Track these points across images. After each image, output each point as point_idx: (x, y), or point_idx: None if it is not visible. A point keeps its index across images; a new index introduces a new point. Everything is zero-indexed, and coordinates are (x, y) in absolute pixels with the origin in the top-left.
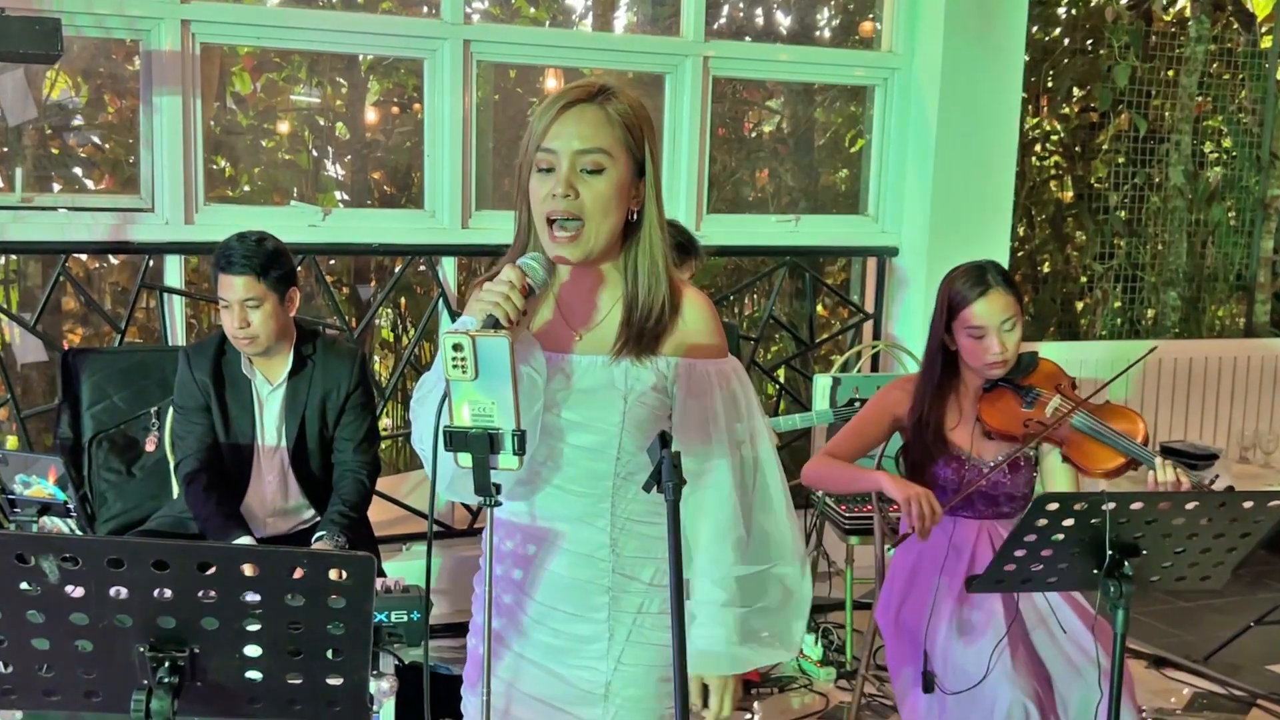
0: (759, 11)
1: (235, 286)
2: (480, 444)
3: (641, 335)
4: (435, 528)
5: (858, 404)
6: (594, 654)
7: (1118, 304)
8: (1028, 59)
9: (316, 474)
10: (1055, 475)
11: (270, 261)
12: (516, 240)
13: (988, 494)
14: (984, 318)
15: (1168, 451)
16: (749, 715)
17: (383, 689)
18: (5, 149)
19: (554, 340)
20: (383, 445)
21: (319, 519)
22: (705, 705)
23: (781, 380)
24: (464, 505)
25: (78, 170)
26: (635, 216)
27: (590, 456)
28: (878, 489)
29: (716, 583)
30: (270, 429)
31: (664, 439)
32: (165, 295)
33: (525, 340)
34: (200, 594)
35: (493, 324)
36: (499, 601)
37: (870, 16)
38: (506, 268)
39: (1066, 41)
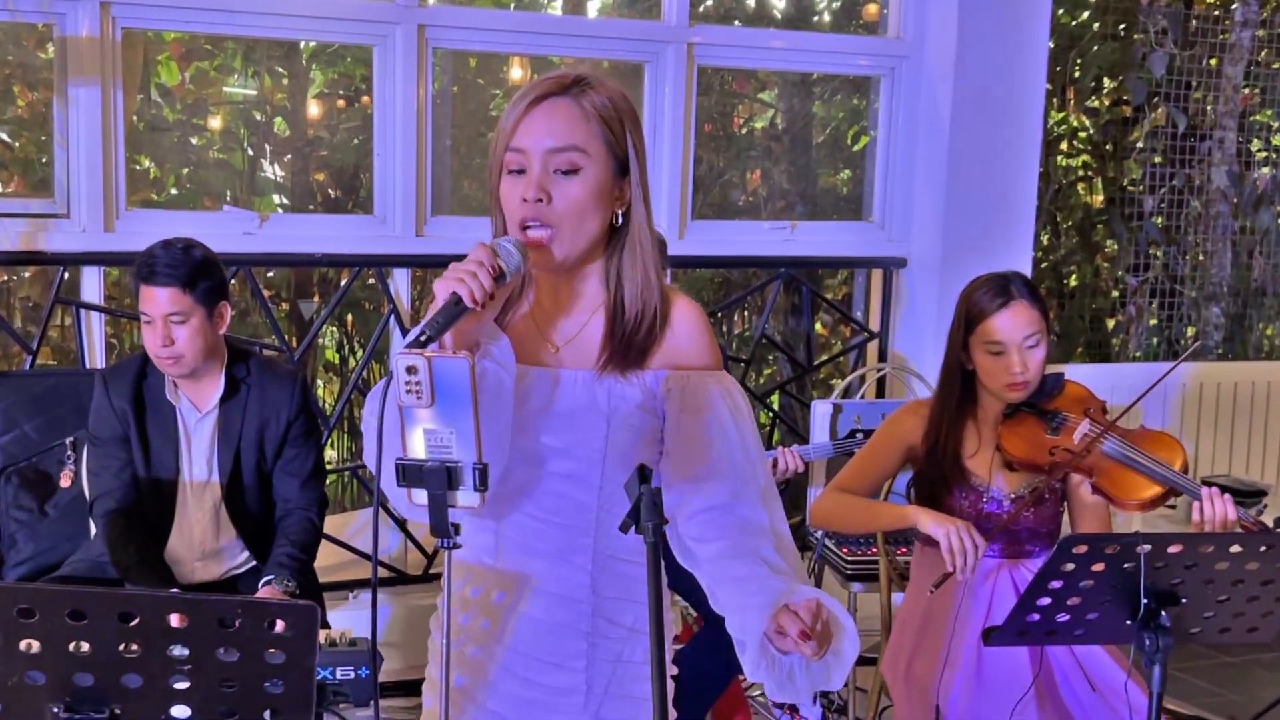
0: None
1: (158, 299)
2: (437, 478)
3: (629, 347)
4: (386, 573)
5: (860, 435)
6: (570, 708)
7: (1154, 321)
8: (1052, 46)
9: (252, 512)
10: (1084, 509)
11: (198, 272)
12: None
13: (1008, 529)
14: (1004, 333)
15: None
16: None
17: None
18: None
19: (531, 354)
20: (328, 480)
21: (254, 564)
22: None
23: (776, 407)
24: (419, 548)
25: None
26: (620, 219)
27: (571, 486)
28: (910, 525)
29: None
30: (199, 462)
31: (643, 473)
32: (82, 312)
33: (491, 332)
34: (121, 648)
35: (455, 303)
36: (463, 654)
37: None
38: (477, 245)
39: (1096, 26)
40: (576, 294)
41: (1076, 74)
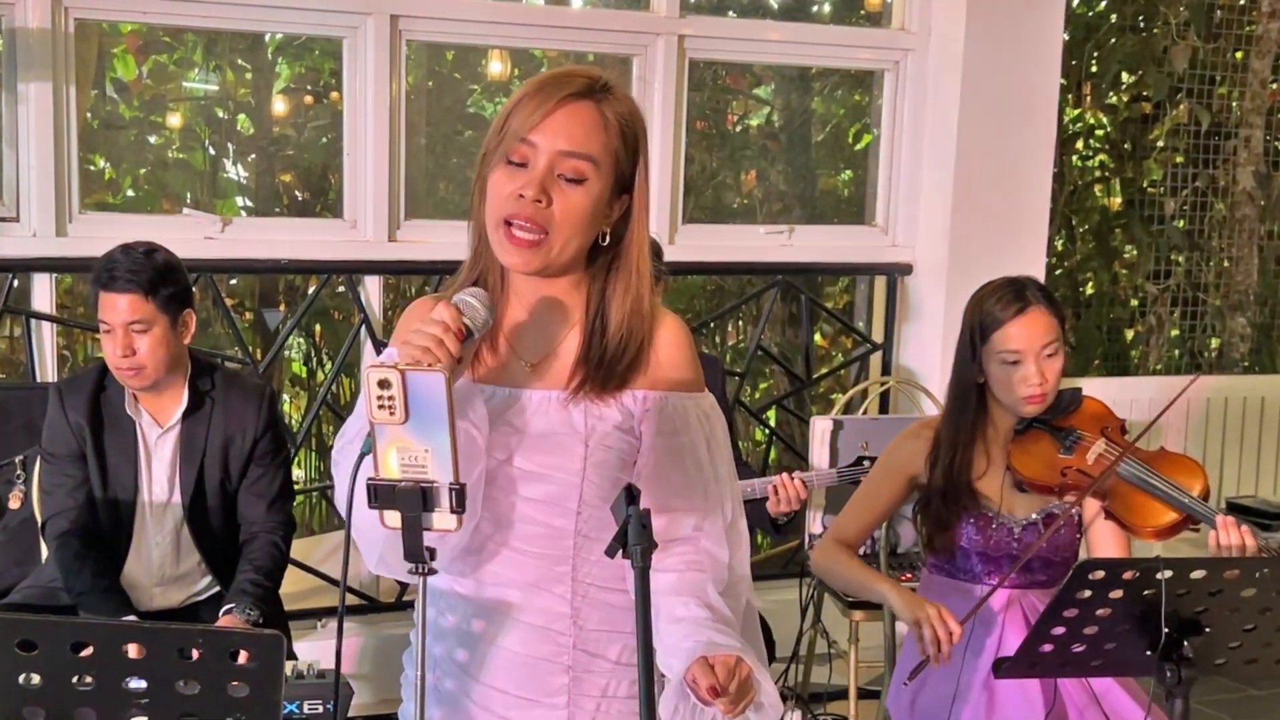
0: None
1: (119, 307)
2: (410, 499)
3: (608, 375)
4: (356, 601)
5: (866, 463)
6: None
7: (1175, 332)
8: (1068, 38)
9: (216, 534)
10: (1103, 536)
11: (161, 277)
12: (474, 251)
13: (1018, 557)
14: (1020, 341)
15: (1235, 509)
16: None
17: None
18: None
19: (500, 373)
20: (295, 501)
21: (217, 590)
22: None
23: (772, 423)
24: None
25: None
26: (605, 239)
27: (547, 511)
28: (882, 601)
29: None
30: (160, 480)
31: (630, 494)
32: (32, 321)
33: (462, 390)
34: (75, 680)
35: None
36: (439, 688)
37: None
38: (440, 305)
39: (1114, 17)
40: (550, 309)
41: (1093, 68)
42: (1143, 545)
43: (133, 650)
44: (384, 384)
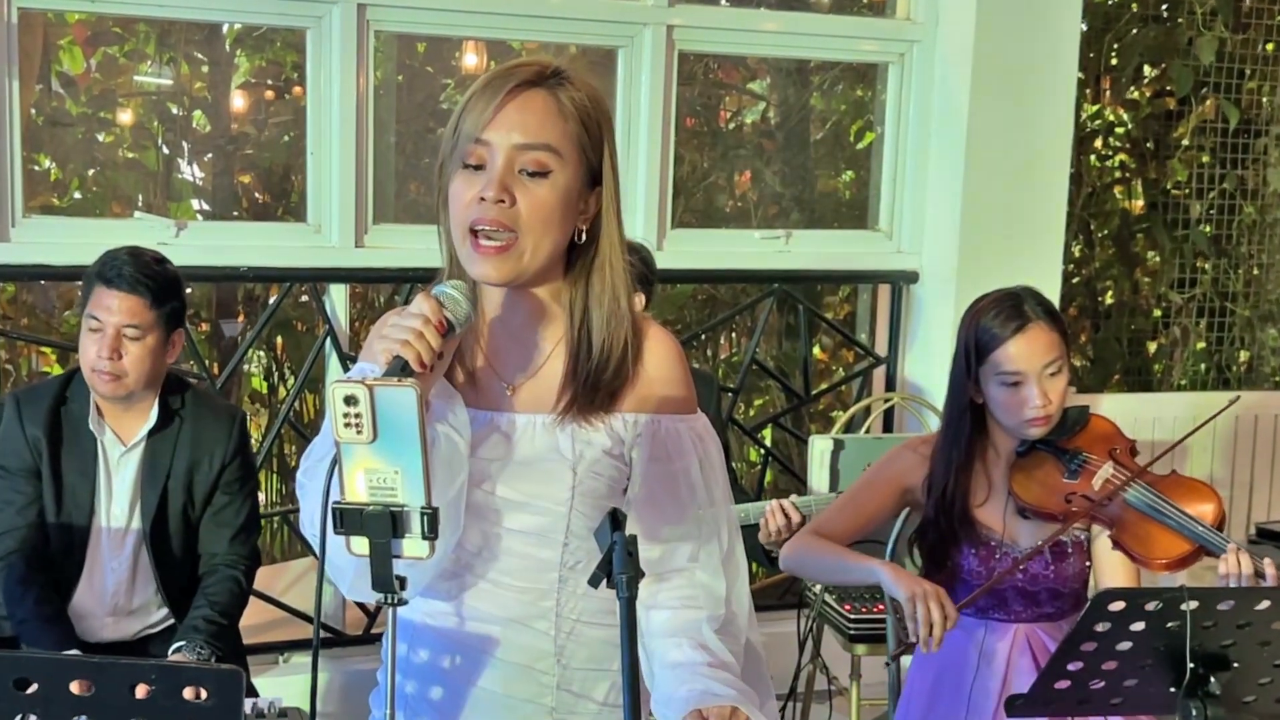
0: None
1: (116, 306)
2: (379, 525)
3: (595, 390)
4: (321, 633)
5: None
6: None
7: (1201, 345)
8: (1085, 29)
9: (177, 564)
10: (1111, 567)
11: (168, 289)
12: (446, 268)
13: (1025, 590)
14: (1021, 361)
15: (1265, 535)
16: None
17: None
18: None
19: (482, 397)
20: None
21: (172, 622)
22: None
23: (768, 443)
24: (359, 605)
25: None
26: (583, 236)
27: (532, 542)
28: (872, 582)
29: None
30: (120, 502)
31: (615, 519)
32: None
33: (442, 392)
34: (18, 719)
35: (400, 368)
36: None
37: None
38: (419, 297)
39: (1135, 7)
40: (530, 324)
41: (1113, 61)
42: (1152, 578)
43: (79, 686)
44: (350, 400)
